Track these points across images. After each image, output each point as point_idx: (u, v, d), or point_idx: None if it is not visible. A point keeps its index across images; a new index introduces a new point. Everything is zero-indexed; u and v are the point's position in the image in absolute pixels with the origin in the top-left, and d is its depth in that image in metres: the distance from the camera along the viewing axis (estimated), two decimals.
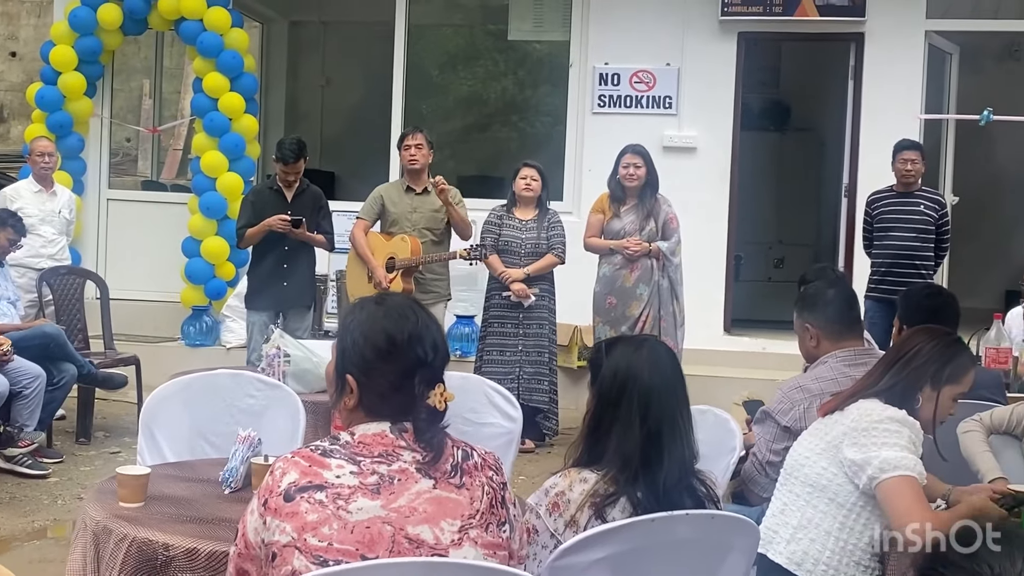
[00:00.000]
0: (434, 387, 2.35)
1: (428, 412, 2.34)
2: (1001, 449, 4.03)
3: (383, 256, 7.42)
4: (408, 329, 2.37)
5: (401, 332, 2.37)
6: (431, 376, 2.36)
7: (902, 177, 7.70)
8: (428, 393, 2.34)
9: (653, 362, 2.84)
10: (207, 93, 9.27)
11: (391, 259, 7.39)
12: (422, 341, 2.37)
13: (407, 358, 2.36)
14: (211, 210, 9.19)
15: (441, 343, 2.41)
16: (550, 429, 7.65)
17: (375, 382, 2.37)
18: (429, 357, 2.36)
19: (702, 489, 2.82)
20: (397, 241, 7.42)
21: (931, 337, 3.36)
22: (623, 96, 9.59)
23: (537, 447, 7.55)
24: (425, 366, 2.36)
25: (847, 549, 3.19)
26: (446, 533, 2.28)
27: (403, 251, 7.37)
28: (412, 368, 2.35)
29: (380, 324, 2.40)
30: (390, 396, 2.36)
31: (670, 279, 7.45)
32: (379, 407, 2.37)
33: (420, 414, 2.34)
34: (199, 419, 4.17)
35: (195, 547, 2.80)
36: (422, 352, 2.36)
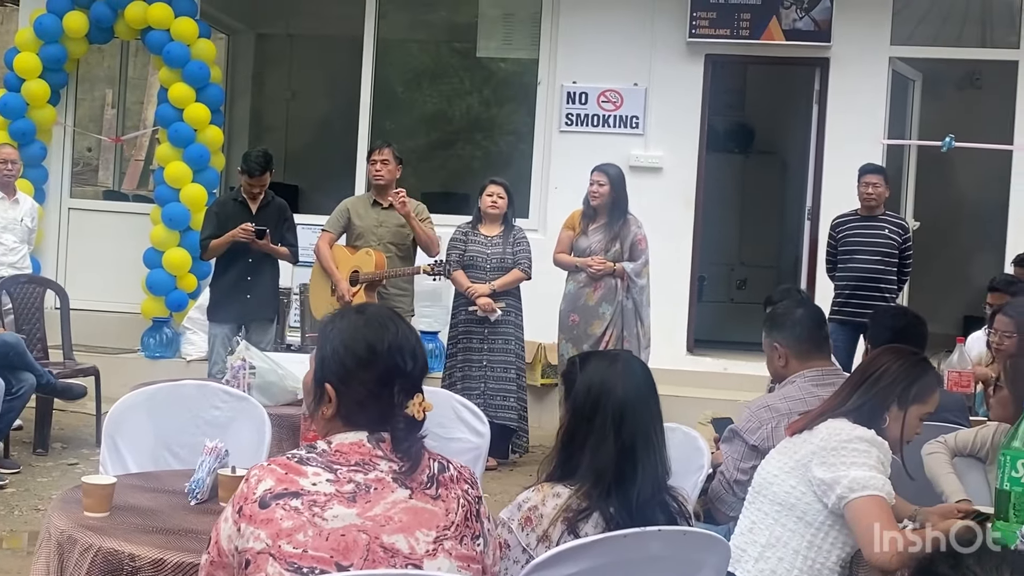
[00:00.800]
0: (412, 396, 2.35)
1: (406, 422, 2.34)
2: (965, 471, 4.07)
3: (347, 269, 7.39)
4: (388, 338, 2.37)
5: (381, 341, 2.37)
6: (410, 386, 2.35)
7: (864, 200, 7.77)
8: (407, 403, 2.34)
9: (627, 376, 2.84)
10: (172, 103, 9.21)
11: (355, 272, 7.36)
12: (402, 350, 2.36)
13: (386, 367, 2.35)
14: (174, 221, 9.12)
15: (420, 354, 2.41)
16: (520, 447, 7.64)
17: (353, 391, 2.37)
18: (408, 366, 2.36)
19: (674, 505, 2.82)
20: (362, 255, 7.40)
21: (898, 357, 3.39)
22: (590, 115, 9.61)
23: (500, 465, 7.52)
24: (404, 375, 2.35)
25: (815, 568, 3.20)
26: (421, 543, 2.28)
27: (367, 265, 7.34)
28: (391, 377, 2.35)
29: (361, 333, 2.40)
30: (368, 405, 2.35)
31: (634, 301, 7.46)
32: (357, 416, 2.36)
33: (398, 423, 2.34)
34: (163, 430, 4.13)
35: (162, 557, 2.77)
36: (401, 361, 2.36)
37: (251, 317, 7.42)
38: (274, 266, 7.59)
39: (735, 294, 11.84)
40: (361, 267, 7.35)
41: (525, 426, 7.64)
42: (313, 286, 7.67)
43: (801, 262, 9.86)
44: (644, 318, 7.52)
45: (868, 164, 8.06)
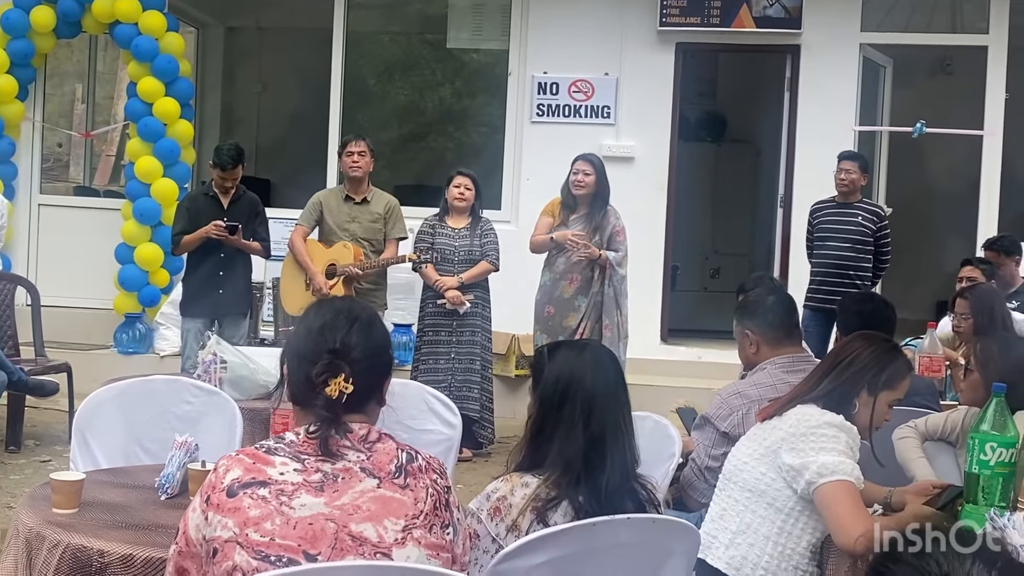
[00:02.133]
0: (336, 376, 2.32)
1: (325, 401, 2.31)
2: (935, 455, 4.09)
3: (323, 263, 7.35)
4: (327, 318, 2.40)
5: (318, 320, 2.41)
6: (335, 366, 2.33)
7: (838, 187, 7.78)
8: (329, 381, 2.31)
9: (596, 366, 2.85)
10: (142, 98, 9.15)
11: (332, 265, 7.32)
12: (335, 332, 2.38)
13: (316, 345, 2.37)
14: (145, 216, 9.07)
15: (359, 342, 2.38)
16: (485, 438, 7.63)
17: (292, 368, 2.42)
18: (336, 345, 2.36)
19: (643, 493, 2.83)
20: (339, 248, 7.35)
21: (868, 343, 3.40)
22: (561, 105, 9.61)
23: (474, 455, 7.52)
24: (329, 352, 2.34)
25: (785, 553, 3.22)
26: (389, 532, 2.28)
27: (345, 258, 7.29)
28: (315, 355, 2.35)
29: (311, 315, 2.46)
30: (300, 383, 2.38)
31: (615, 289, 7.44)
32: (297, 396, 2.40)
33: (317, 402, 2.32)
34: (134, 425, 4.11)
35: (131, 553, 2.75)
36: (330, 340, 2.36)
37: (224, 312, 7.39)
38: (247, 261, 7.56)
39: (708, 283, 11.87)
40: (338, 260, 7.30)
41: (489, 416, 7.63)
42: (285, 281, 7.62)
43: (774, 250, 9.89)
44: (623, 307, 7.51)
45: (845, 151, 8.09)
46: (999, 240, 7.56)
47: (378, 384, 2.45)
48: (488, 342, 7.69)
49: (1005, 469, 3.04)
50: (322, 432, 2.31)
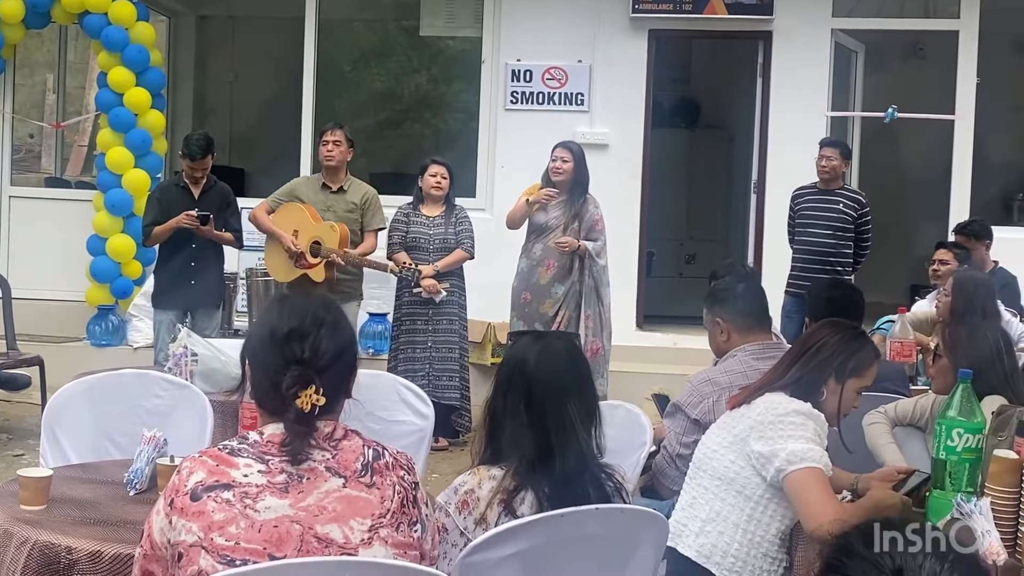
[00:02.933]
0: (307, 388, 2.29)
1: (296, 414, 2.28)
2: (905, 440, 4.12)
3: (308, 236, 7.20)
4: (291, 325, 2.35)
5: (283, 327, 2.36)
6: (305, 377, 2.29)
7: (819, 173, 7.78)
8: (299, 394, 2.28)
9: (542, 353, 2.84)
10: (112, 88, 9.09)
11: (316, 244, 7.20)
12: (302, 340, 2.33)
13: (281, 353, 2.33)
14: (116, 207, 9.01)
15: (328, 348, 2.35)
16: (463, 426, 7.62)
17: (256, 372, 2.38)
18: (304, 355, 2.32)
19: (610, 483, 2.83)
20: (326, 228, 7.21)
21: (836, 331, 3.41)
22: (535, 93, 9.60)
23: (450, 444, 7.52)
24: (298, 364, 2.31)
25: (755, 541, 3.23)
26: (356, 532, 2.27)
27: (331, 239, 7.16)
28: (283, 365, 2.31)
29: (273, 315, 2.42)
30: (265, 389, 2.34)
31: (595, 279, 7.44)
32: (262, 401, 2.37)
33: (288, 415, 2.30)
34: (104, 420, 4.09)
35: (99, 550, 2.74)
36: (299, 350, 2.32)
37: (196, 304, 7.34)
38: (219, 252, 7.50)
39: (684, 269, 11.88)
40: (324, 240, 7.18)
41: (467, 404, 7.62)
42: (269, 253, 7.46)
43: (748, 236, 9.91)
44: (604, 297, 7.52)
45: (826, 138, 8.10)
46: (970, 224, 7.59)
47: (346, 384, 2.43)
48: (465, 330, 7.68)
49: (972, 455, 3.06)
50: (295, 446, 2.28)
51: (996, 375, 3.72)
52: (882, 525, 1.50)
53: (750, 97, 9.78)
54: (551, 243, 7.33)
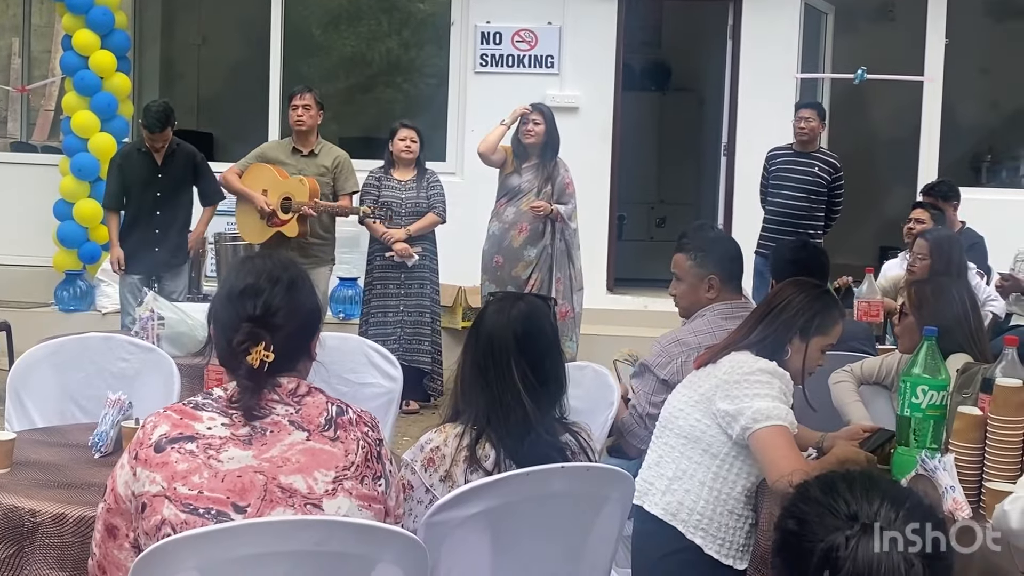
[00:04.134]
0: (257, 344, 2.28)
1: (246, 370, 2.28)
2: (871, 399, 4.14)
3: (278, 194, 7.16)
4: (248, 281, 2.36)
5: (238, 284, 2.36)
6: (256, 334, 2.29)
7: (797, 135, 7.79)
8: (250, 350, 2.28)
9: (497, 312, 2.85)
10: (77, 51, 8.98)
11: (287, 199, 7.16)
12: (255, 296, 2.34)
13: (235, 310, 2.33)
14: (83, 172, 8.93)
15: (281, 305, 2.35)
16: (435, 390, 7.62)
17: (217, 332, 2.39)
18: (256, 312, 2.32)
19: (574, 441, 2.84)
20: (295, 182, 7.18)
21: (800, 290, 3.42)
22: (505, 55, 9.55)
23: (422, 408, 7.53)
24: (249, 320, 2.31)
25: (720, 499, 3.25)
26: (320, 483, 2.27)
27: (301, 193, 7.13)
28: (236, 321, 2.32)
29: (233, 273, 2.42)
30: (223, 347, 2.35)
31: (567, 242, 7.46)
32: (222, 359, 2.38)
33: (239, 371, 2.30)
34: (69, 384, 4.09)
35: (63, 512, 2.74)
36: (251, 307, 2.32)
37: (162, 269, 7.29)
38: (183, 217, 7.44)
39: (655, 232, 11.87)
40: (294, 195, 7.15)
41: (439, 368, 7.63)
42: (240, 215, 7.42)
43: (718, 199, 9.91)
44: (575, 260, 7.54)
45: (803, 100, 8.12)
46: (937, 186, 7.62)
47: (305, 345, 2.42)
48: (437, 294, 7.68)
49: (936, 412, 3.09)
50: (244, 402, 2.29)
51: (962, 333, 3.73)
52: (842, 477, 1.52)
53: (720, 59, 9.77)
54: (524, 207, 7.32)
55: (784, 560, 1.49)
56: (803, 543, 1.45)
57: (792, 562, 1.47)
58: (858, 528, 1.43)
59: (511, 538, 2.65)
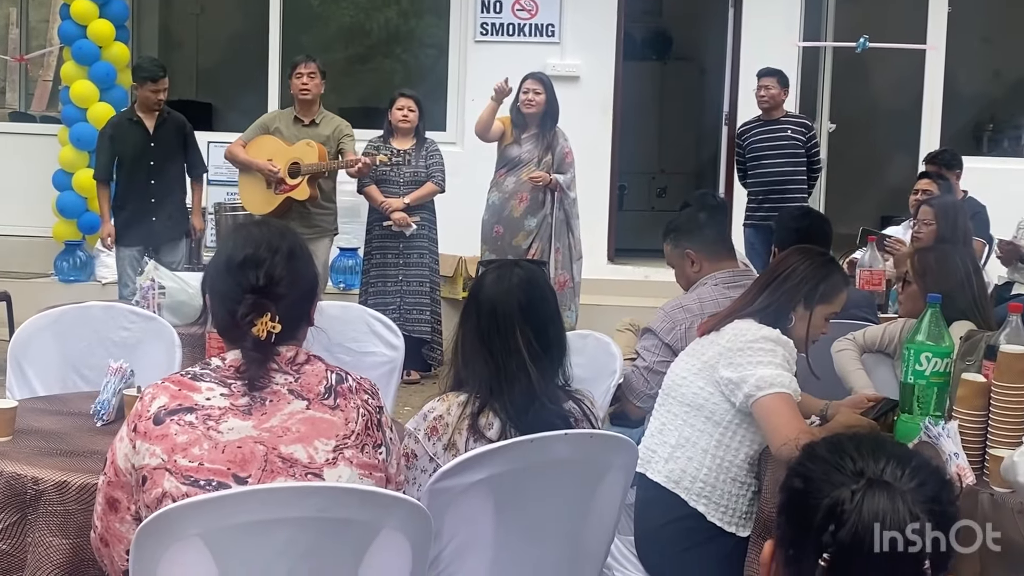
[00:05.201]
0: (263, 316, 2.27)
1: (253, 342, 2.27)
2: (874, 367, 4.13)
3: (285, 160, 7.13)
4: (246, 253, 2.33)
5: (237, 255, 2.34)
6: (261, 305, 2.28)
7: (759, 104, 7.85)
8: (255, 321, 2.26)
9: (496, 281, 2.83)
10: (75, 20, 8.93)
11: (295, 164, 7.13)
12: (257, 267, 2.31)
13: (236, 282, 2.31)
14: (82, 142, 8.88)
15: (284, 274, 2.33)
16: (434, 359, 7.62)
17: (215, 303, 2.37)
18: (259, 283, 2.29)
19: (577, 408, 2.83)
20: (301, 146, 7.12)
21: (805, 257, 3.41)
22: (505, 24, 9.49)
23: (422, 378, 7.53)
24: (253, 292, 2.29)
25: (723, 466, 3.25)
26: (320, 452, 2.26)
27: (309, 156, 7.10)
28: (239, 293, 2.29)
29: (230, 243, 2.40)
30: (225, 319, 2.33)
31: (566, 212, 7.45)
32: (222, 331, 2.36)
33: (246, 343, 2.28)
34: (71, 352, 4.08)
35: (65, 480, 2.72)
36: (254, 278, 2.30)
37: (159, 239, 7.26)
38: (179, 186, 7.40)
39: (656, 202, 11.85)
40: (302, 159, 7.12)
41: (439, 338, 7.62)
42: (243, 186, 7.39)
43: (719, 168, 9.88)
44: (575, 229, 7.54)
45: (764, 68, 8.10)
46: (940, 154, 7.60)
47: (306, 311, 2.41)
48: (436, 264, 7.66)
49: (940, 379, 3.07)
50: (251, 372, 2.27)
51: (965, 300, 3.73)
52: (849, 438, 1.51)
53: (722, 28, 9.72)
54: (524, 177, 7.30)
55: (789, 518, 1.49)
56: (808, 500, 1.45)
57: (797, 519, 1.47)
58: (864, 483, 1.43)
59: (514, 505, 2.64)
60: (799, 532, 1.46)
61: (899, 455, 1.46)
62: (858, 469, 1.44)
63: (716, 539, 3.26)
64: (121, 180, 7.30)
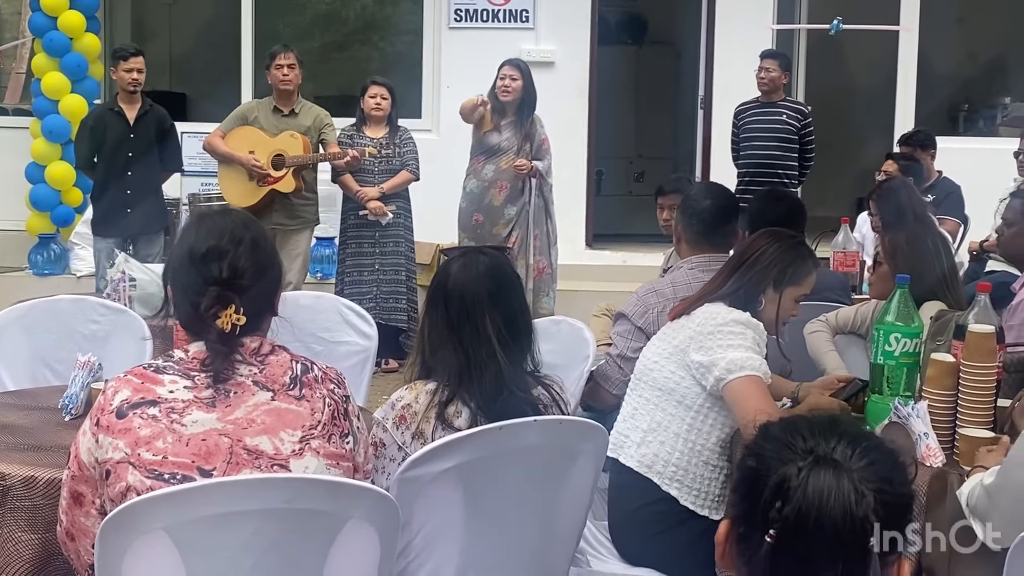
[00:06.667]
0: (227, 308, 2.24)
1: (217, 334, 2.25)
2: (846, 348, 4.15)
3: (267, 152, 7.11)
4: (209, 244, 2.30)
5: (200, 246, 2.31)
6: (225, 297, 2.25)
7: (759, 86, 7.79)
8: (220, 314, 2.24)
9: (462, 268, 2.81)
10: (45, 11, 8.84)
11: (279, 156, 7.11)
12: (220, 259, 2.28)
13: (200, 274, 2.28)
14: (54, 134, 8.82)
15: (248, 266, 2.30)
16: (410, 347, 7.60)
17: (177, 295, 2.34)
18: (223, 275, 2.27)
19: (546, 395, 2.82)
20: (285, 137, 7.13)
21: (774, 240, 3.40)
22: (479, 10, 9.46)
23: (401, 366, 7.51)
24: (216, 284, 2.26)
25: (695, 450, 3.25)
26: (286, 444, 2.25)
27: (294, 148, 7.08)
28: (202, 286, 2.27)
29: (192, 234, 2.36)
30: (188, 312, 2.30)
31: (544, 199, 7.45)
32: (185, 323, 2.34)
33: (210, 335, 2.26)
34: (40, 346, 4.05)
35: (33, 475, 2.70)
36: (217, 270, 2.27)
37: (137, 231, 7.23)
38: (155, 178, 7.37)
39: (633, 187, 11.84)
40: (286, 151, 7.11)
41: (415, 326, 7.58)
42: (223, 178, 7.36)
43: (696, 152, 9.88)
44: (552, 215, 7.53)
45: (766, 49, 8.08)
46: (915, 135, 7.62)
47: (270, 302, 2.39)
48: (412, 252, 7.64)
49: (909, 359, 3.09)
50: (216, 365, 2.25)
51: (935, 280, 3.74)
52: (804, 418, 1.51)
53: (696, 11, 9.71)
54: (504, 165, 7.28)
55: (740, 495, 1.50)
56: (759, 476, 1.46)
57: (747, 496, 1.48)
58: (811, 459, 1.43)
59: (485, 493, 2.64)
60: (749, 509, 1.46)
61: (852, 435, 1.46)
62: (808, 447, 1.45)
63: (689, 522, 3.25)
64: (99, 170, 7.28)
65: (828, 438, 1.45)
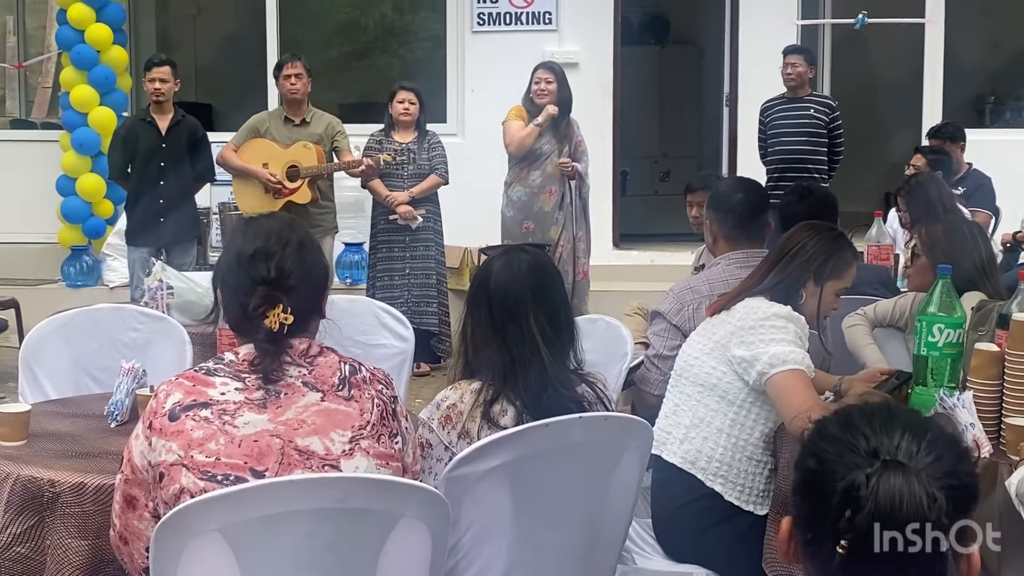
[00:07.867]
0: (274, 307, 2.27)
1: (267, 334, 2.27)
2: (885, 341, 4.13)
3: (281, 164, 7.15)
4: (256, 245, 2.33)
5: (248, 248, 2.33)
6: (272, 297, 2.27)
7: (785, 81, 7.75)
8: (267, 313, 2.26)
9: (504, 267, 2.81)
10: (72, 25, 8.92)
11: (293, 167, 7.16)
12: (267, 259, 2.31)
13: (247, 274, 2.30)
14: (84, 147, 8.89)
15: (294, 266, 2.33)
16: (443, 351, 7.61)
17: (226, 297, 2.36)
18: (270, 275, 2.29)
19: (590, 392, 2.82)
20: (298, 148, 7.17)
21: (814, 233, 3.39)
22: (502, 13, 9.47)
23: (432, 369, 7.52)
24: (264, 284, 2.29)
25: (739, 445, 3.24)
26: (336, 444, 2.26)
27: (308, 159, 7.12)
28: (250, 286, 2.29)
29: (239, 237, 2.39)
30: (236, 313, 2.32)
31: (583, 201, 7.46)
32: (234, 325, 2.36)
33: (259, 335, 2.28)
34: (81, 355, 4.08)
35: (82, 481, 2.72)
36: (264, 270, 2.30)
37: (169, 240, 7.27)
38: (188, 187, 7.42)
39: (659, 186, 11.83)
40: (300, 162, 7.15)
41: (447, 330, 7.61)
42: (240, 194, 7.41)
43: (722, 150, 9.86)
44: (589, 217, 7.53)
45: (790, 45, 8.04)
46: (943, 128, 7.58)
47: (317, 303, 2.41)
48: (442, 256, 7.66)
49: (953, 350, 3.07)
50: (265, 365, 2.27)
51: (974, 270, 3.72)
52: (860, 411, 1.50)
53: (719, 9, 9.70)
54: (550, 169, 7.25)
55: (804, 499, 1.48)
56: (824, 482, 1.43)
57: (813, 502, 1.45)
58: (879, 465, 1.40)
59: (532, 490, 2.64)
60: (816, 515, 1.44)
61: (913, 426, 1.44)
62: (871, 448, 1.42)
63: (734, 518, 3.25)
64: (132, 180, 7.33)
65: (890, 434, 1.43)
